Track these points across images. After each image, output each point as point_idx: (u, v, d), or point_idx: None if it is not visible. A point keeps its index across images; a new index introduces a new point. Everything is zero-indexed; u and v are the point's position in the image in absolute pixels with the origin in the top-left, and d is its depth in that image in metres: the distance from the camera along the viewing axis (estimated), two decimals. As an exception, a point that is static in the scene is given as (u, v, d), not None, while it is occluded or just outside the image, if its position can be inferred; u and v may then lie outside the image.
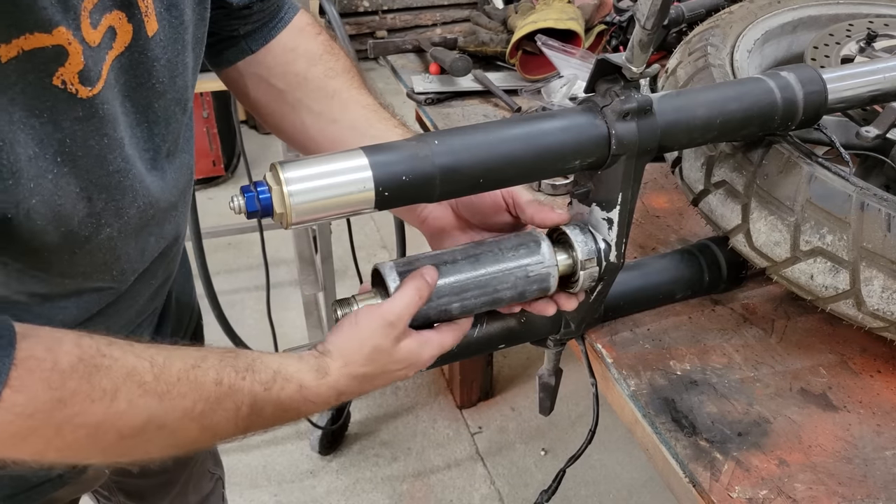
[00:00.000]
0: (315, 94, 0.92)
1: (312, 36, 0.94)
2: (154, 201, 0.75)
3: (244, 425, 0.69)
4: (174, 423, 0.64)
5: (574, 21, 1.65)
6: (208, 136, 3.40)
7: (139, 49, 0.66)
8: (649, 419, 0.89)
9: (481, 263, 0.76)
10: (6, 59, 0.53)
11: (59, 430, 0.60)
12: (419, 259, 0.76)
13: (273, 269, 2.26)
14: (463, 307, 0.76)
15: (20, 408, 0.57)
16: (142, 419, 0.62)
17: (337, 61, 0.94)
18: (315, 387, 0.72)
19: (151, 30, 0.67)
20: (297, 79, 0.92)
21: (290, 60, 0.92)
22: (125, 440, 0.63)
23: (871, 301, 0.84)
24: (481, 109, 1.63)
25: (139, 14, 0.65)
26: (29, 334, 0.59)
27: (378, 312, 0.72)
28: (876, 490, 0.80)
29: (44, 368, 0.58)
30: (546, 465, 2.29)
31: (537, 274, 0.78)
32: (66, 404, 0.59)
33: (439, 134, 0.70)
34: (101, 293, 0.79)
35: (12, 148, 0.56)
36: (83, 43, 0.58)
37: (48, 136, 0.59)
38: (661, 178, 1.35)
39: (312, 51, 0.93)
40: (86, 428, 0.61)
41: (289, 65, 0.92)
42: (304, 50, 0.93)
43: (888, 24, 1.16)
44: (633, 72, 0.71)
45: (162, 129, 0.74)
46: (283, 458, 2.29)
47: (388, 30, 4.72)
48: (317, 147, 0.93)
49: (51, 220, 0.62)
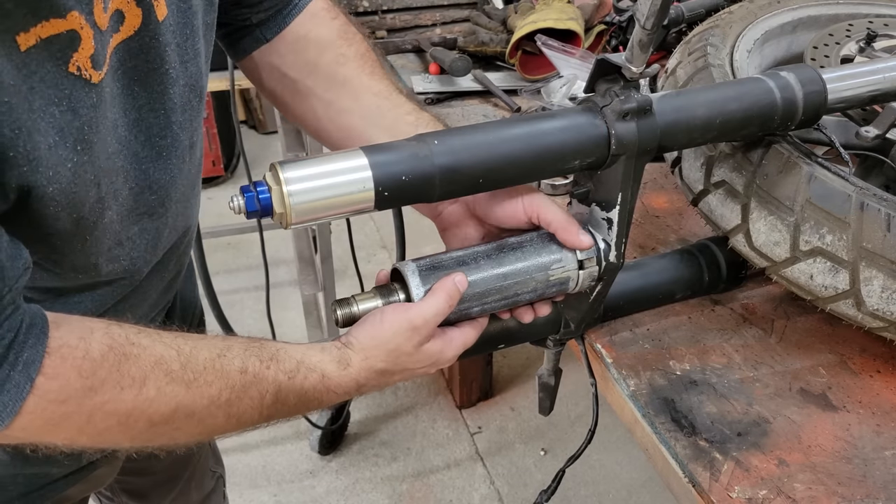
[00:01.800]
0: (326, 83, 0.90)
1: (326, 21, 0.92)
2: (153, 186, 0.75)
3: (268, 413, 0.70)
4: (202, 411, 0.66)
5: (574, 21, 1.65)
6: (208, 136, 3.40)
7: (150, 34, 0.66)
8: (649, 419, 0.89)
9: (503, 267, 0.76)
10: (25, 48, 0.53)
11: (90, 417, 0.61)
12: (442, 261, 0.76)
13: (273, 269, 2.26)
14: (482, 310, 0.77)
15: (53, 394, 0.58)
16: (170, 407, 0.64)
17: (350, 46, 0.91)
18: (337, 377, 0.72)
19: (161, 14, 0.66)
20: (308, 67, 0.91)
21: (302, 48, 0.91)
22: (155, 427, 0.65)
23: (871, 301, 0.84)
24: (481, 109, 1.63)
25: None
26: (61, 323, 0.60)
27: (405, 316, 0.72)
28: (875, 490, 0.80)
29: (76, 357, 0.59)
30: (546, 465, 2.29)
31: (558, 277, 0.78)
32: (97, 392, 0.60)
33: (439, 134, 0.70)
34: (114, 286, 0.79)
35: (30, 136, 0.56)
36: (94, 27, 0.58)
37: (68, 125, 0.59)
38: (661, 178, 1.35)
39: (324, 37, 0.91)
40: (117, 416, 0.62)
41: (300, 53, 0.91)
42: (315, 36, 0.91)
43: (888, 24, 1.16)
44: (632, 72, 0.71)
45: (178, 117, 0.74)
46: (282, 458, 2.29)
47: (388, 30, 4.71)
48: (329, 137, 0.92)
49: (65, 207, 0.62)
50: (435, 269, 0.74)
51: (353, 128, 0.89)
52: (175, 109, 0.73)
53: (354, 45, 0.92)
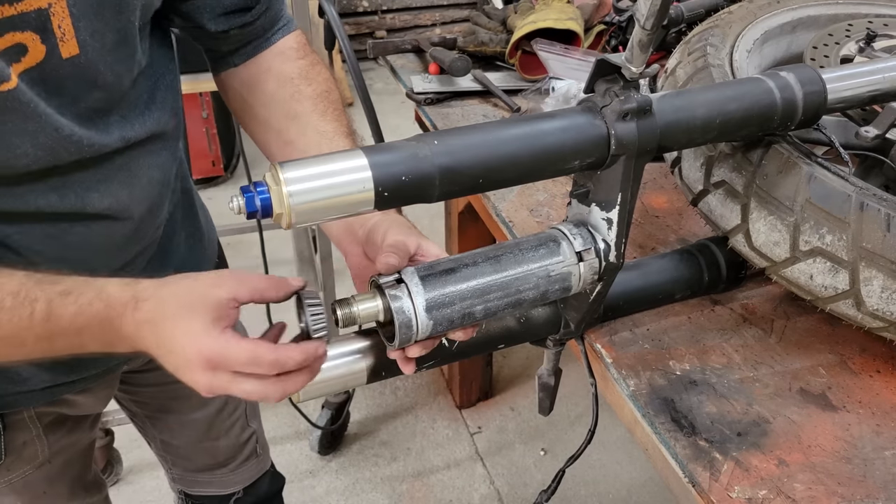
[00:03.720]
0: (278, 114, 0.98)
1: (291, 60, 1.00)
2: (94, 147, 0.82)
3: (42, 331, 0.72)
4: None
5: (573, 21, 1.65)
6: (207, 136, 3.39)
7: (52, 66, 0.75)
8: (649, 419, 0.89)
9: (503, 265, 0.76)
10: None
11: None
12: (440, 262, 0.76)
13: (272, 269, 2.26)
14: (486, 309, 0.76)
15: None
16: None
17: (308, 86, 0.98)
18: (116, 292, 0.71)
19: (68, 52, 0.75)
20: (265, 97, 0.98)
21: (263, 80, 0.99)
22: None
23: (871, 301, 0.84)
24: (481, 109, 1.63)
25: (53, 38, 0.73)
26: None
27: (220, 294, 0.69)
28: (875, 490, 0.80)
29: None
30: (545, 465, 2.29)
31: (558, 273, 0.78)
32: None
33: (439, 134, 0.70)
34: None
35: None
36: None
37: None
38: (661, 178, 1.35)
39: (286, 73, 0.98)
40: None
41: (261, 83, 0.99)
42: (277, 72, 0.99)
43: (888, 24, 1.16)
44: (632, 72, 0.71)
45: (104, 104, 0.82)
46: (282, 458, 2.29)
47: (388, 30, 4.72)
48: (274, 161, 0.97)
49: None
50: (433, 270, 0.74)
51: None
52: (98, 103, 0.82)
53: (314, 85, 0.99)
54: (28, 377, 0.96)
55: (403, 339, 0.73)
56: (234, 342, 0.67)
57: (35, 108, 0.74)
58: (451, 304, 0.74)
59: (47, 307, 0.71)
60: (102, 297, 0.72)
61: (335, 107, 0.98)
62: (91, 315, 0.71)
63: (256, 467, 1.46)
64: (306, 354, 0.69)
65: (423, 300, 0.72)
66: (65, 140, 0.78)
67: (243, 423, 1.40)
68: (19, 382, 0.96)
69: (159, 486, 2.19)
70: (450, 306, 0.74)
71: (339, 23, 1.71)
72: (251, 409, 1.42)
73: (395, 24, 4.70)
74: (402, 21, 4.72)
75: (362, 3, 4.60)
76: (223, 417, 1.34)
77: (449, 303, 0.74)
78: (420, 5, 4.75)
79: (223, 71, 1.02)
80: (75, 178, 0.83)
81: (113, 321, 0.71)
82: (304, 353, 0.69)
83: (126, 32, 0.81)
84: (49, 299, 0.71)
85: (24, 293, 0.71)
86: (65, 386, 1.01)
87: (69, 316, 0.71)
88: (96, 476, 1.24)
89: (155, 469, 2.22)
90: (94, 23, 0.77)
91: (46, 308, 0.71)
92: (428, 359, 0.82)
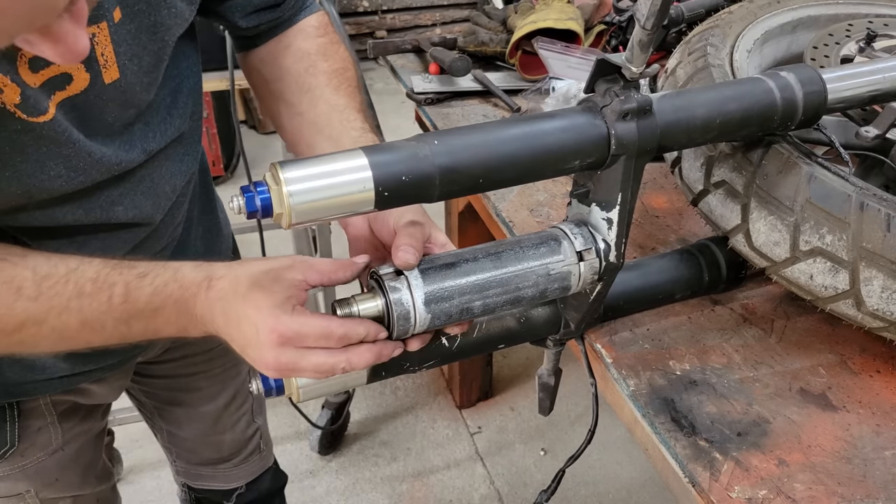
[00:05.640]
0: (292, 87, 0.98)
1: (311, 37, 1.01)
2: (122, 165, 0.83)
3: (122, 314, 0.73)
4: (53, 320, 0.72)
5: (574, 21, 1.65)
6: (208, 136, 3.40)
7: (95, 93, 0.76)
8: (649, 419, 0.89)
9: (503, 261, 0.77)
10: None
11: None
12: (440, 256, 0.76)
13: (273, 268, 2.25)
14: (485, 305, 0.76)
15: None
16: (20, 319, 0.72)
17: (325, 62, 0.99)
18: (190, 273, 0.73)
19: (109, 78, 0.77)
20: (280, 71, 0.99)
21: (282, 55, 1.00)
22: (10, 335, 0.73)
23: (871, 301, 0.84)
24: (481, 109, 1.63)
25: (97, 66, 0.75)
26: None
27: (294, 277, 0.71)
28: (875, 490, 0.80)
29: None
30: (545, 465, 2.29)
31: (558, 272, 0.78)
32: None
33: (439, 134, 0.70)
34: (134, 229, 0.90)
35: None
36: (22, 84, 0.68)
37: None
38: (661, 178, 1.35)
39: (303, 49, 0.99)
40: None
41: (278, 58, 1.00)
42: (295, 48, 0.99)
43: (888, 24, 1.16)
44: (632, 72, 0.71)
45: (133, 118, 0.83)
46: (282, 458, 2.28)
47: (388, 30, 4.72)
48: (284, 136, 1.01)
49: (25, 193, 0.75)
50: (433, 263, 0.75)
51: (302, 131, 0.96)
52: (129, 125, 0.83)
53: (330, 61, 0.99)
54: (47, 366, 0.97)
55: (401, 331, 0.73)
56: (305, 318, 0.70)
57: (69, 135, 0.75)
58: (449, 299, 0.74)
59: (125, 290, 0.73)
60: (178, 278, 0.73)
61: (350, 84, 0.99)
62: (166, 295, 0.73)
63: (259, 463, 1.47)
64: (368, 329, 0.72)
65: (422, 293, 0.73)
66: (97, 163, 0.79)
67: (249, 418, 1.40)
68: (38, 371, 0.96)
69: (159, 486, 2.19)
70: (448, 300, 0.74)
71: (339, 23, 1.71)
72: (257, 405, 1.43)
73: (396, 24, 4.70)
74: (402, 21, 4.72)
75: (362, 3, 4.61)
76: (230, 412, 1.35)
77: (448, 297, 0.74)
78: (420, 5, 4.75)
79: (247, 50, 1.03)
80: (101, 194, 0.84)
81: (187, 301, 0.73)
82: (367, 327, 0.72)
83: (161, 53, 0.83)
84: (126, 282, 0.73)
85: (103, 278, 0.73)
86: (82, 375, 1.02)
87: (146, 297, 0.73)
88: (105, 465, 1.25)
89: (155, 469, 2.23)
90: (133, 47, 0.78)
91: (124, 290, 0.73)
92: (428, 359, 0.82)
